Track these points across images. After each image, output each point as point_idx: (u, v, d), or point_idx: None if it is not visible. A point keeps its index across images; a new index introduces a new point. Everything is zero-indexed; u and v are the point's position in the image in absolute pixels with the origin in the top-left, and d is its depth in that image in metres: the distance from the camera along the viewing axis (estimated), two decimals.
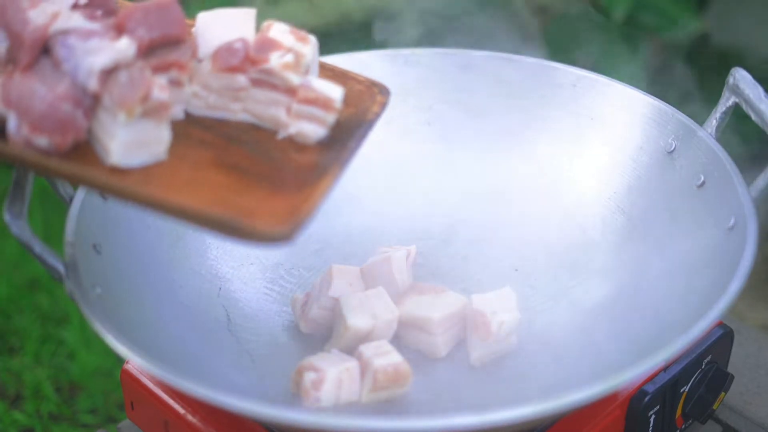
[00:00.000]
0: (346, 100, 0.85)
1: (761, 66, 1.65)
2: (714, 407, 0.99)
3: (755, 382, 1.10)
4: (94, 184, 0.77)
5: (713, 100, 1.00)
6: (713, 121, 1.00)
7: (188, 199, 0.76)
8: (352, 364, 0.90)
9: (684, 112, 1.03)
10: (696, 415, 0.98)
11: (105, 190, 0.79)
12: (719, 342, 0.98)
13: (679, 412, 0.97)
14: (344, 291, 0.97)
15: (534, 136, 1.11)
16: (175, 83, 0.79)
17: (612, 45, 1.72)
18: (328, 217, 1.10)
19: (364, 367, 0.90)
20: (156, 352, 0.82)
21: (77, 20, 0.77)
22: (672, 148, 1.02)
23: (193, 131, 0.81)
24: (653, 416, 0.94)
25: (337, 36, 2.09)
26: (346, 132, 0.84)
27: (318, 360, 0.91)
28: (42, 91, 0.75)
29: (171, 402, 0.95)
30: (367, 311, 0.94)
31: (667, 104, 1.04)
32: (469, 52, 1.14)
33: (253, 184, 0.78)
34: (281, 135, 0.84)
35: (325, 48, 1.14)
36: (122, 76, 0.75)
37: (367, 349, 0.91)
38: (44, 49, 0.77)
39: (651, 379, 0.93)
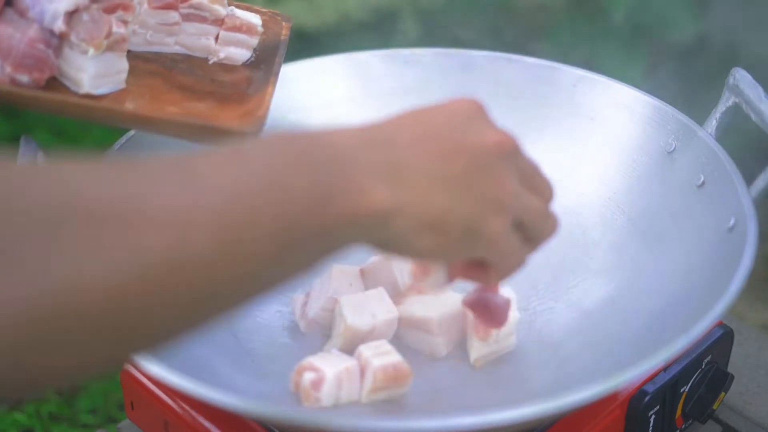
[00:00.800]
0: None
1: (761, 66, 1.65)
2: (714, 407, 0.99)
3: (755, 382, 1.10)
4: (75, 108, 0.89)
5: (713, 100, 1.00)
6: (713, 121, 1.00)
7: (159, 112, 0.89)
8: (352, 364, 0.90)
9: (684, 112, 1.03)
10: (696, 415, 0.98)
11: (84, 113, 0.90)
12: (719, 342, 0.98)
13: (679, 412, 0.97)
14: (344, 291, 0.97)
15: (534, 136, 1.11)
16: (121, 22, 0.90)
17: (612, 45, 1.72)
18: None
19: (364, 367, 0.90)
20: (156, 352, 0.82)
21: None
22: (672, 148, 1.02)
23: (137, 64, 0.94)
24: (653, 416, 0.94)
25: (337, 36, 2.09)
26: (267, 52, 0.99)
27: (318, 360, 0.91)
28: (17, 36, 0.86)
29: (171, 402, 0.95)
30: (367, 311, 0.94)
31: (667, 104, 1.04)
32: (469, 52, 1.14)
33: (204, 98, 0.92)
34: (212, 60, 0.98)
35: (326, 48, 1.14)
36: (84, 17, 0.87)
37: (367, 349, 0.91)
38: (8, 1, 0.89)
39: (651, 379, 0.93)
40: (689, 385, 0.97)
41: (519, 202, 0.76)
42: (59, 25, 0.86)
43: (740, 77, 0.97)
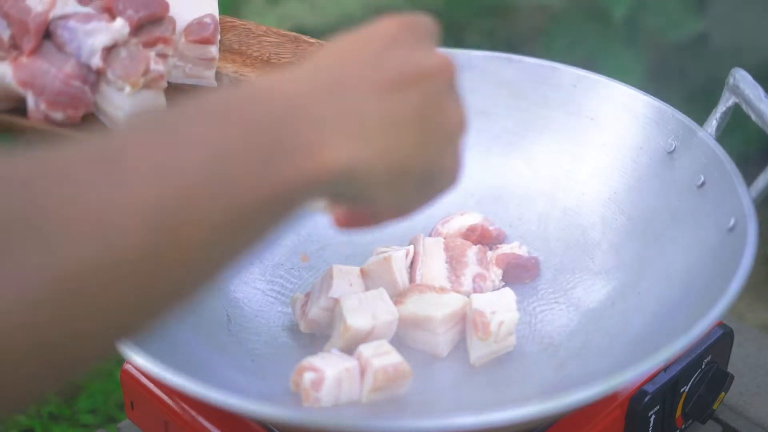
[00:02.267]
0: (301, 60, 0.99)
1: (761, 66, 1.65)
2: (714, 407, 0.99)
3: (755, 382, 1.10)
4: None
5: (713, 100, 1.00)
6: (713, 122, 1.00)
7: None
8: (351, 364, 0.90)
9: (684, 112, 1.03)
10: (696, 415, 0.98)
11: None
12: (719, 342, 0.98)
13: (679, 412, 0.97)
14: (344, 291, 0.97)
15: (534, 136, 1.12)
16: (161, 56, 0.88)
17: (612, 45, 1.72)
18: (328, 218, 1.10)
19: (364, 367, 0.90)
20: (156, 352, 0.82)
21: (72, 5, 0.87)
22: (672, 149, 1.02)
23: (175, 96, 0.92)
24: (653, 416, 0.94)
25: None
26: None
27: (318, 360, 0.91)
28: (53, 71, 0.84)
29: (171, 402, 0.95)
30: (367, 312, 0.94)
31: (667, 104, 1.04)
32: (469, 52, 1.14)
33: None
34: None
35: None
36: (122, 53, 0.85)
37: (367, 349, 0.91)
38: (46, 33, 0.86)
39: (651, 379, 0.93)
40: (689, 385, 0.97)
41: (465, 127, 0.72)
42: (96, 62, 0.85)
43: (740, 77, 0.97)
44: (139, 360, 0.80)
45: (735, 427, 1.05)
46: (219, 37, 0.96)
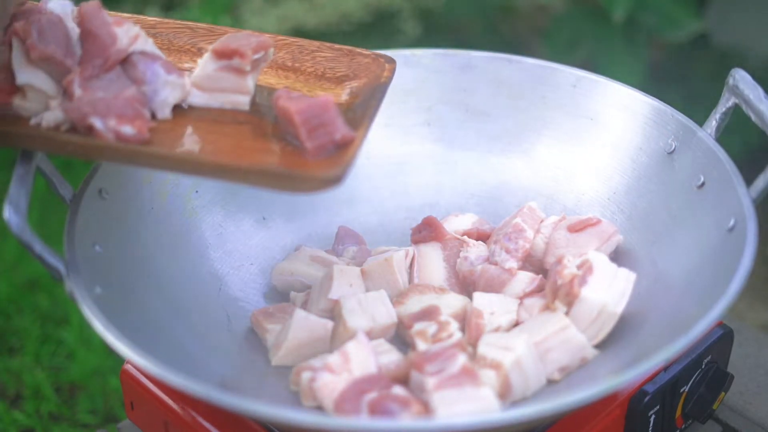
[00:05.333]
0: (357, 72, 0.97)
1: (761, 66, 1.66)
2: (714, 407, 0.99)
3: (755, 382, 1.10)
4: (178, 163, 0.88)
5: (713, 100, 1.00)
6: (713, 122, 1.00)
7: (249, 162, 0.86)
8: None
9: (683, 113, 1.03)
10: (696, 415, 0.98)
11: (187, 167, 0.88)
12: (719, 342, 0.98)
13: (679, 412, 0.97)
14: (345, 291, 0.97)
15: (534, 136, 1.12)
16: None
17: (612, 45, 1.72)
18: (328, 218, 1.10)
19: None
20: (156, 352, 0.82)
21: (151, 46, 0.92)
22: (672, 149, 1.02)
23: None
24: (653, 416, 0.94)
25: (337, 36, 2.09)
26: (364, 96, 0.94)
27: (317, 360, 0.91)
28: (114, 91, 0.89)
29: (171, 402, 0.95)
30: (366, 313, 0.94)
31: (667, 105, 1.04)
32: (469, 52, 1.14)
33: (291, 148, 0.88)
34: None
35: None
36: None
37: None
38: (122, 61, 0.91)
39: (651, 379, 0.93)
40: (689, 385, 0.97)
41: None
42: (166, 113, 0.90)
43: (740, 77, 0.97)
44: (139, 360, 0.80)
45: (735, 427, 1.05)
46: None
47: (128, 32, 0.90)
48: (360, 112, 0.92)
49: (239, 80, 0.92)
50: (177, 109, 0.92)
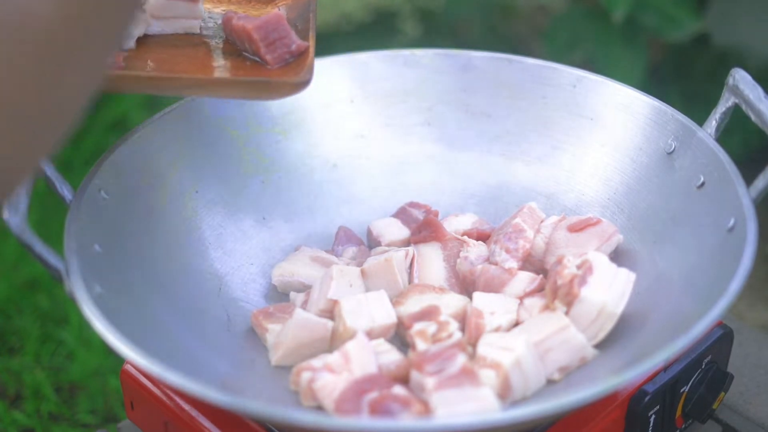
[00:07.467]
0: None
1: (761, 66, 1.65)
2: (714, 407, 0.99)
3: (755, 382, 1.10)
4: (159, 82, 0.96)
5: (713, 100, 1.00)
6: (713, 122, 1.00)
7: (222, 75, 0.96)
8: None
9: (683, 113, 1.03)
10: (696, 415, 0.98)
11: (167, 84, 0.95)
12: (719, 342, 0.98)
13: (679, 412, 0.97)
14: (345, 292, 0.97)
15: (534, 136, 1.12)
16: None
17: (612, 45, 1.72)
18: (327, 218, 1.10)
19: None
20: (156, 352, 0.82)
21: None
22: (672, 149, 1.02)
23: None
24: (653, 416, 0.94)
25: (337, 36, 2.09)
26: (298, 11, 1.03)
27: (317, 360, 0.91)
28: None
29: (171, 402, 0.95)
30: (366, 313, 0.94)
31: (667, 105, 1.04)
32: (469, 52, 1.14)
33: (250, 62, 0.98)
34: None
35: (326, 48, 1.14)
36: None
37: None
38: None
39: (651, 379, 0.93)
40: (689, 385, 0.97)
41: None
42: (130, 45, 0.97)
43: (740, 77, 0.97)
44: (139, 360, 0.80)
45: (735, 427, 1.05)
46: None
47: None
48: (301, 24, 1.01)
49: (192, 6, 1.01)
50: (137, 39, 1.00)
